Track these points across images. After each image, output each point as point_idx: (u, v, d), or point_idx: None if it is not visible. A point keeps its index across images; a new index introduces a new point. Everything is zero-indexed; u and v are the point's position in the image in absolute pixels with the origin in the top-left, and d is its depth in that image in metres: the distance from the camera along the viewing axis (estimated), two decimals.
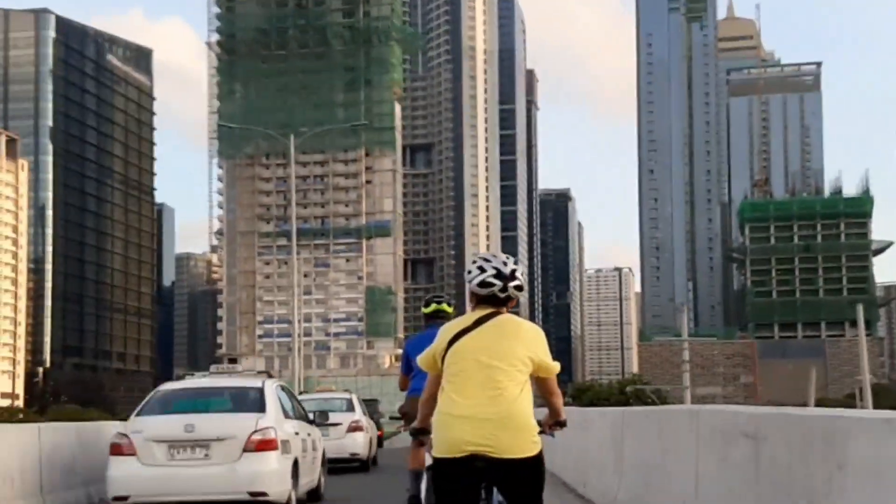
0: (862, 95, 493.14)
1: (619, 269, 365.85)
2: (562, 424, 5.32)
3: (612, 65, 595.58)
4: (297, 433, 11.83)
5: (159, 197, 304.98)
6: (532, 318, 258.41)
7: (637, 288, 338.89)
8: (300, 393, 29.10)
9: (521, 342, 4.77)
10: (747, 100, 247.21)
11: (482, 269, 4.87)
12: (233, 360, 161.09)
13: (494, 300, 4.86)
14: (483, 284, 4.84)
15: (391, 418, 12.30)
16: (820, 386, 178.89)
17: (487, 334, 4.76)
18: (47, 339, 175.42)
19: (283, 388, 12.55)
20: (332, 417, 16.57)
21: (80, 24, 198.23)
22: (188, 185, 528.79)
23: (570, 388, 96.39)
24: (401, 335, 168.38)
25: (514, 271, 4.89)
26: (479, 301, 4.91)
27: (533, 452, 4.65)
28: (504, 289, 4.84)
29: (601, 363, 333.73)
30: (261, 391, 11.61)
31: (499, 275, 4.83)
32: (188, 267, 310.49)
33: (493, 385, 4.64)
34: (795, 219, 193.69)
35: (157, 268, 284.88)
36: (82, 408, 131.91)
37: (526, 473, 4.65)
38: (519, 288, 4.90)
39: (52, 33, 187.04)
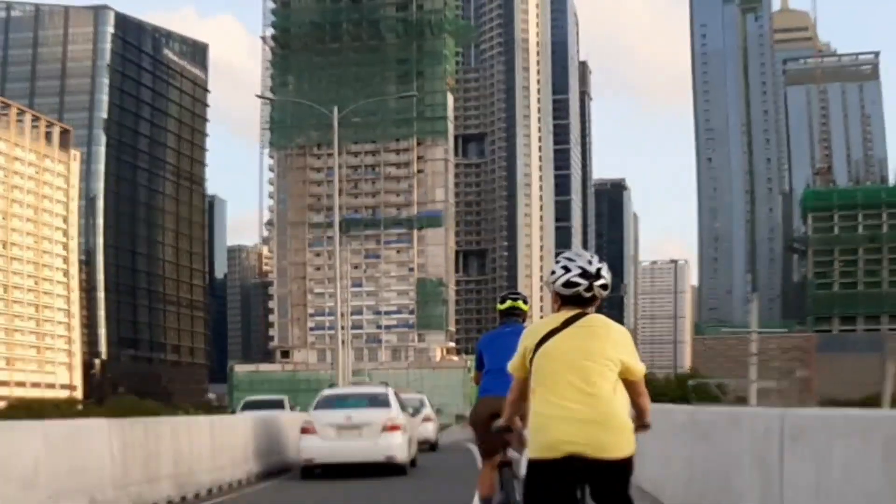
0: None
1: (674, 262, 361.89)
2: (647, 427, 5.03)
3: (664, 56, 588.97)
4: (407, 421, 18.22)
5: (210, 190, 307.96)
6: None
7: (693, 281, 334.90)
8: (329, 385, 30.57)
9: (611, 343, 4.70)
10: (805, 89, 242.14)
11: (567, 269, 4.79)
12: (285, 354, 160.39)
13: (579, 300, 4.78)
14: (568, 284, 4.77)
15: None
16: (877, 381, 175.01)
17: (578, 335, 4.69)
18: (102, 331, 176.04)
19: (395, 393, 19.42)
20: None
21: (137, 20, 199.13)
22: (239, 177, 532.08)
23: None
24: (452, 328, 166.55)
25: (599, 270, 4.80)
26: (563, 302, 4.83)
27: (630, 452, 4.60)
28: (589, 288, 4.76)
29: (653, 357, 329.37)
30: (386, 394, 18.92)
31: (584, 274, 4.77)
32: (240, 259, 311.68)
33: (588, 385, 4.58)
34: (860, 208, 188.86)
35: (208, 260, 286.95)
36: (139, 399, 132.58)
37: (621, 474, 4.58)
38: (605, 287, 4.80)
39: (110, 29, 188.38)
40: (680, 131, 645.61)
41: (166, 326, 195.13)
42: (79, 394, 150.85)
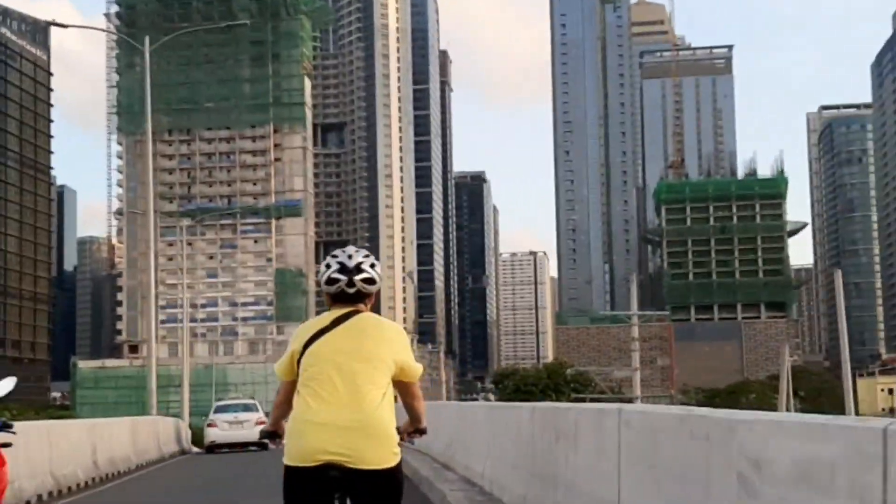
0: (771, 79, 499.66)
1: (533, 253, 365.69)
2: (422, 432, 4.87)
3: (526, 47, 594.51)
4: None
5: (60, 179, 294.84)
6: (448, 303, 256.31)
7: (552, 272, 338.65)
8: (218, 399, 41.83)
9: (384, 343, 4.43)
10: (660, 82, 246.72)
11: (328, 266, 4.56)
12: (134, 348, 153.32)
13: (346, 297, 4.51)
14: (329, 281, 4.51)
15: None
16: (736, 368, 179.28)
17: (347, 335, 4.41)
18: None
19: (257, 403, 33.33)
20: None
21: None
22: (89, 166, 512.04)
23: (489, 373, 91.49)
24: None
25: (360, 264, 4.51)
26: (333, 300, 4.55)
27: (392, 463, 4.32)
28: (351, 283, 4.48)
29: (516, 347, 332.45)
30: (255, 404, 33.80)
31: (342, 269, 4.50)
32: (90, 251, 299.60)
33: (353, 390, 4.31)
34: (711, 200, 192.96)
35: (57, 252, 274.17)
36: None
37: (383, 485, 4.30)
38: (368, 281, 4.51)
39: None
40: (539, 124, 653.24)
41: (6, 321, 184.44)
42: None
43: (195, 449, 35.05)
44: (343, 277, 4.47)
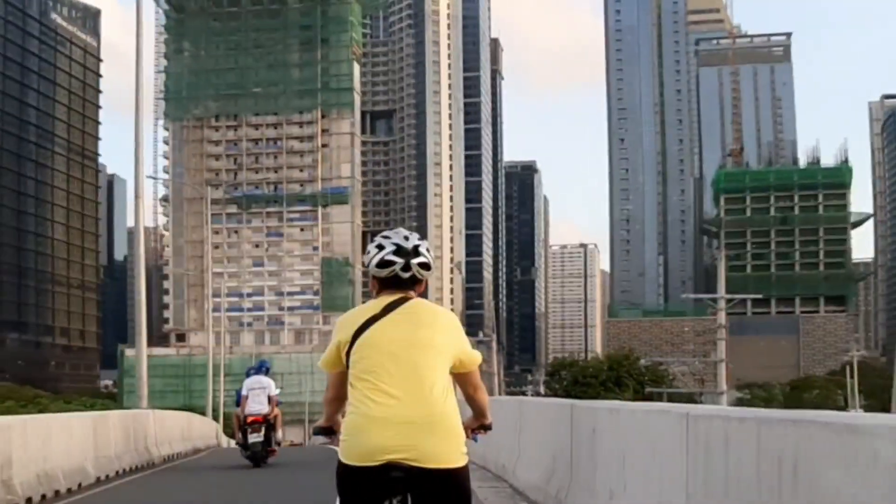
0: (831, 67, 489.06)
1: (584, 246, 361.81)
2: (487, 428, 4.55)
3: (578, 35, 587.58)
4: None
5: (111, 168, 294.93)
6: (496, 295, 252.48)
7: (602, 265, 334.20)
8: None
9: (441, 331, 4.09)
10: (717, 70, 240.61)
11: (381, 247, 4.18)
12: (180, 337, 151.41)
13: (398, 282, 4.16)
14: (383, 264, 4.15)
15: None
16: (791, 364, 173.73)
17: (401, 323, 4.06)
18: None
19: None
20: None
21: None
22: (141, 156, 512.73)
23: (536, 366, 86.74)
24: None
25: (417, 247, 4.18)
26: (382, 285, 4.19)
27: (461, 463, 3.98)
28: (407, 267, 4.14)
29: (564, 341, 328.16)
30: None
31: (399, 251, 4.15)
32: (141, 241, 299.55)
33: (415, 382, 3.96)
34: (772, 189, 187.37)
35: (108, 241, 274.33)
36: (19, 385, 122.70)
37: (451, 487, 3.94)
38: (424, 266, 4.19)
39: None
40: (592, 112, 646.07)
41: (55, 308, 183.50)
42: None
43: (229, 444, 32.34)
44: (399, 260, 4.10)
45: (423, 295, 4.24)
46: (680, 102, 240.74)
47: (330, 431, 4.51)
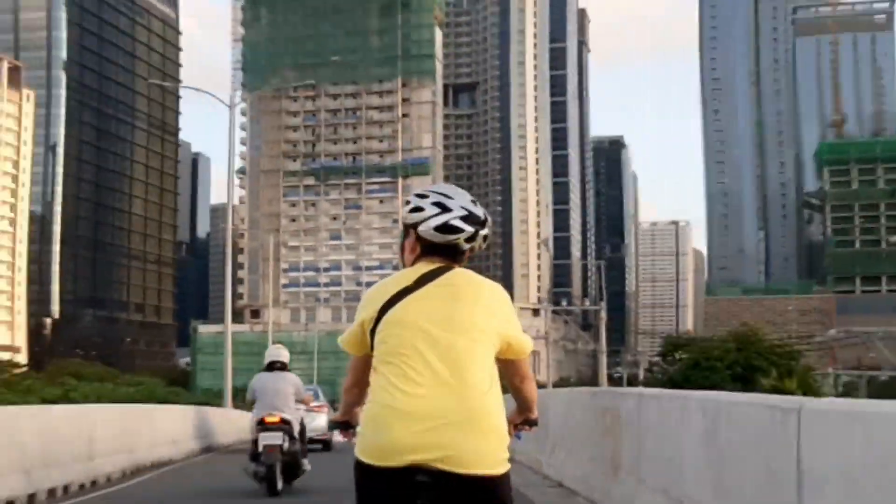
0: None
1: (675, 223, 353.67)
2: (533, 423, 3.80)
3: (669, 3, 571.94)
4: None
5: (194, 147, 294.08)
6: (584, 273, 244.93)
7: (694, 242, 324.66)
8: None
9: (485, 308, 3.35)
10: (815, 40, 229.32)
11: (443, 208, 3.38)
12: (255, 313, 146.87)
13: (451, 252, 3.42)
14: (446, 229, 3.37)
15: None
16: None
17: (437, 297, 3.34)
18: (55, 287, 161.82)
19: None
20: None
21: None
22: (219, 129, 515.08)
23: (626, 346, 77.76)
24: None
25: (485, 216, 3.45)
26: (425, 251, 3.43)
27: (502, 469, 3.25)
28: (473, 237, 3.40)
29: (654, 321, 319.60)
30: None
31: (470, 217, 3.39)
32: (223, 218, 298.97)
33: (453, 369, 3.25)
34: (880, 161, 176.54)
35: (190, 219, 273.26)
36: (88, 363, 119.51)
37: (488, 499, 3.22)
38: (485, 239, 3.47)
39: None
40: (682, 85, 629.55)
41: (131, 284, 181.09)
42: (22, 356, 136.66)
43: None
44: (469, 228, 3.36)
45: (506, 275, 3.01)
46: (777, 72, 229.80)
47: (347, 425, 3.81)
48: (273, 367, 12.74)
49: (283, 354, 12.95)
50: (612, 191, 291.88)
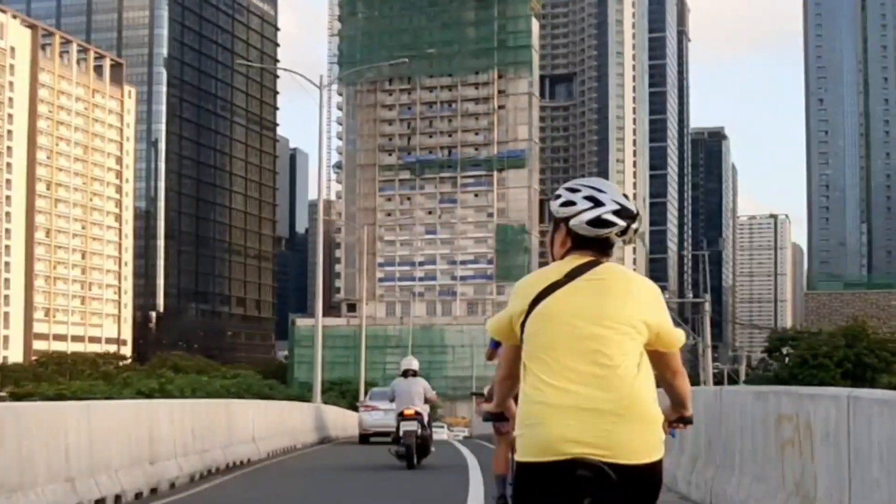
0: None
1: (774, 216, 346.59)
2: (688, 421, 3.75)
3: None
4: None
5: (292, 143, 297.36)
6: (681, 268, 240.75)
7: (794, 237, 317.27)
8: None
9: (634, 302, 3.37)
10: None
11: (596, 202, 3.39)
12: (352, 307, 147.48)
13: (602, 245, 3.43)
14: (599, 223, 3.38)
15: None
16: None
17: (586, 291, 3.36)
18: (160, 281, 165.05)
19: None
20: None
21: None
22: (315, 125, 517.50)
23: (723, 342, 74.83)
24: None
25: (637, 209, 3.44)
26: (576, 245, 3.45)
27: (659, 456, 3.30)
28: (625, 231, 3.40)
29: (752, 315, 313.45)
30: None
31: (623, 212, 3.38)
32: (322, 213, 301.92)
33: (601, 360, 3.28)
34: None
35: (290, 214, 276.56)
36: (190, 355, 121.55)
37: (647, 486, 3.28)
38: (636, 232, 3.48)
39: None
40: (784, 75, 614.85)
41: (232, 278, 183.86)
42: (128, 349, 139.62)
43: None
44: (621, 223, 3.36)
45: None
46: (885, 59, 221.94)
47: (501, 417, 3.91)
48: (407, 373, 16.41)
49: (414, 364, 16.62)
50: (711, 183, 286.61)
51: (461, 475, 14.53)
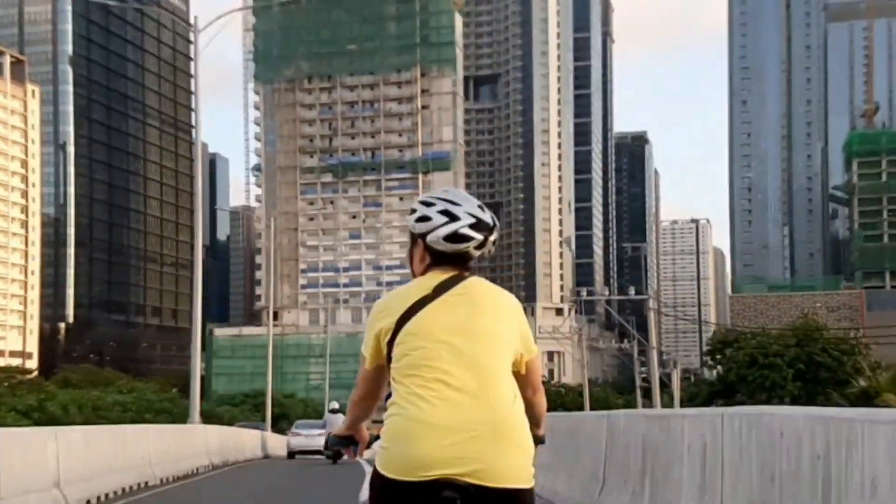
0: None
1: (695, 221, 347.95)
2: (540, 441, 3.60)
3: None
4: None
5: (212, 148, 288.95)
6: (606, 272, 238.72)
7: (715, 241, 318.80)
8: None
9: (505, 317, 3.33)
10: (848, 26, 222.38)
11: (451, 216, 3.31)
12: (274, 315, 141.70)
13: (456, 259, 3.36)
14: (455, 238, 3.31)
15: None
16: None
17: (456, 306, 3.29)
18: (70, 291, 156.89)
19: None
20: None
21: None
22: (234, 128, 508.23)
23: (650, 346, 70.83)
24: None
25: (493, 221, 3.37)
26: (436, 260, 3.37)
27: (530, 483, 3.23)
28: (483, 244, 3.35)
29: (676, 321, 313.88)
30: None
31: (479, 224, 3.32)
32: (243, 220, 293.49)
33: (480, 380, 3.21)
34: None
35: (210, 221, 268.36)
36: (101, 368, 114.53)
37: None
38: (495, 242, 3.44)
39: None
40: (711, 77, 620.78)
41: (147, 287, 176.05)
42: (34, 362, 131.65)
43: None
44: (478, 236, 3.29)
45: (529, 274, 3.05)
46: (809, 60, 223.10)
47: (350, 441, 3.61)
48: (335, 410, 24.10)
49: (335, 405, 24.76)
50: (634, 188, 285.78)
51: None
